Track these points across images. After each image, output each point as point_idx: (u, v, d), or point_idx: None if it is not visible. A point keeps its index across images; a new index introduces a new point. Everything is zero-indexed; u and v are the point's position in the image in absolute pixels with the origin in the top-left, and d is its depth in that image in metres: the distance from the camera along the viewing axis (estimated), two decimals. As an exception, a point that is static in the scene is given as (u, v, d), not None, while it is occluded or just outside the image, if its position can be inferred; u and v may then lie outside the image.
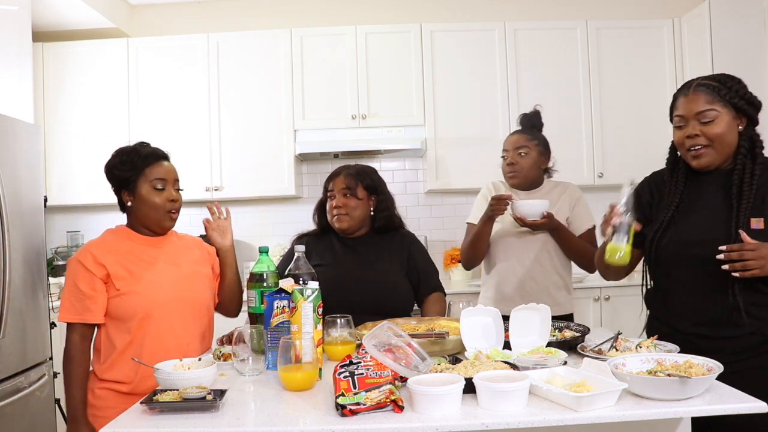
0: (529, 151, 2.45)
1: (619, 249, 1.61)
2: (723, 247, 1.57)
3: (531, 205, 2.30)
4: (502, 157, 2.50)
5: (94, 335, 1.84)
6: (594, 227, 2.43)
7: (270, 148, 3.92)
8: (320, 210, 2.35)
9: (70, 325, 1.80)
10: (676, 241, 1.71)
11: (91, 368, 1.83)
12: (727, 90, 1.66)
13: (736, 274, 1.56)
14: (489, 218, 2.34)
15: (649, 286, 1.87)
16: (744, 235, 1.56)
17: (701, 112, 1.65)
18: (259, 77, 3.94)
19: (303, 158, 4.12)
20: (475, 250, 2.45)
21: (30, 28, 3.32)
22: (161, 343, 1.79)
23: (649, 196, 1.85)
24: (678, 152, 1.78)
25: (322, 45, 3.94)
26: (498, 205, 2.29)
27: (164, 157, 1.92)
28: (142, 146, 1.91)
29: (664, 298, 1.79)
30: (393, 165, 4.26)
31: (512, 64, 3.91)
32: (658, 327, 1.80)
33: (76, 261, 1.80)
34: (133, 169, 1.85)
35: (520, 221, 2.31)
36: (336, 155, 4.03)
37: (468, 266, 2.55)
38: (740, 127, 1.68)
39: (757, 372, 1.30)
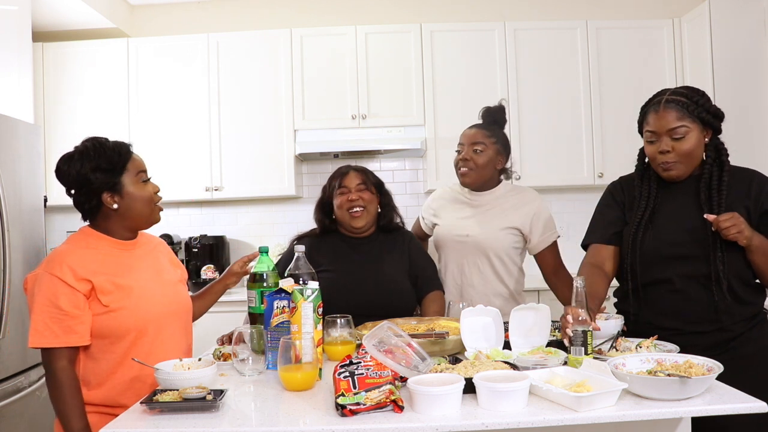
0: (486, 148, 2.29)
1: (580, 361, 1.49)
2: (710, 217, 1.67)
3: (605, 326, 1.82)
4: (457, 151, 2.36)
5: None
6: (557, 239, 2.34)
7: (270, 148, 3.92)
8: (323, 209, 2.30)
9: (50, 351, 1.54)
10: (656, 240, 1.80)
11: None
12: (695, 105, 1.75)
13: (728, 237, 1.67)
14: None
15: (627, 286, 1.90)
16: (710, 216, 1.68)
17: (673, 129, 1.74)
18: (259, 77, 3.94)
19: (303, 158, 4.12)
20: None
21: (30, 28, 3.32)
22: (152, 360, 1.60)
23: (622, 196, 1.94)
24: (645, 159, 1.89)
25: (322, 45, 3.94)
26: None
27: (131, 148, 1.74)
28: (107, 141, 1.69)
29: (643, 295, 1.84)
30: (393, 165, 4.26)
31: (512, 64, 3.91)
32: (633, 324, 1.86)
33: (51, 276, 1.54)
34: (115, 168, 1.65)
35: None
36: (336, 155, 4.03)
37: None
38: (706, 139, 1.78)
39: (728, 367, 1.35)
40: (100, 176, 1.63)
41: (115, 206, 1.66)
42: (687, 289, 1.76)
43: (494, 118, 2.39)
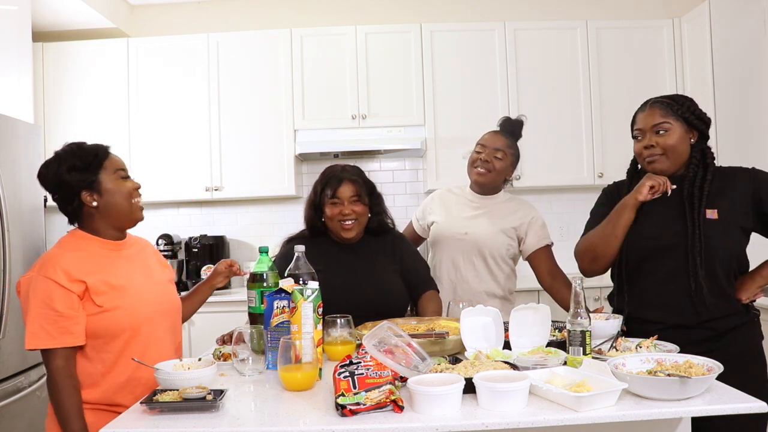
0: (505, 156, 2.37)
1: (579, 361, 1.50)
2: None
3: (604, 326, 1.83)
4: (477, 151, 2.40)
5: None
6: (551, 245, 2.40)
7: (270, 148, 3.92)
8: (314, 210, 2.23)
9: (47, 352, 1.56)
10: (639, 235, 1.87)
11: None
12: (680, 106, 1.86)
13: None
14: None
15: (614, 279, 1.99)
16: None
17: (656, 124, 1.85)
18: (259, 77, 3.94)
19: (303, 158, 4.12)
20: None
21: (30, 28, 3.32)
22: (144, 360, 1.61)
23: (613, 195, 2.01)
24: (639, 163, 1.96)
25: (322, 45, 3.94)
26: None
27: (109, 149, 1.76)
28: (84, 144, 1.72)
29: (630, 290, 1.91)
30: (393, 165, 4.26)
31: (512, 64, 3.91)
32: (625, 321, 1.90)
33: (45, 279, 1.56)
34: (91, 166, 1.67)
35: None
36: (336, 155, 4.03)
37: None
38: (692, 140, 1.87)
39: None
40: (75, 175, 1.66)
41: (95, 204, 1.68)
42: (669, 283, 1.82)
43: (512, 130, 2.47)
